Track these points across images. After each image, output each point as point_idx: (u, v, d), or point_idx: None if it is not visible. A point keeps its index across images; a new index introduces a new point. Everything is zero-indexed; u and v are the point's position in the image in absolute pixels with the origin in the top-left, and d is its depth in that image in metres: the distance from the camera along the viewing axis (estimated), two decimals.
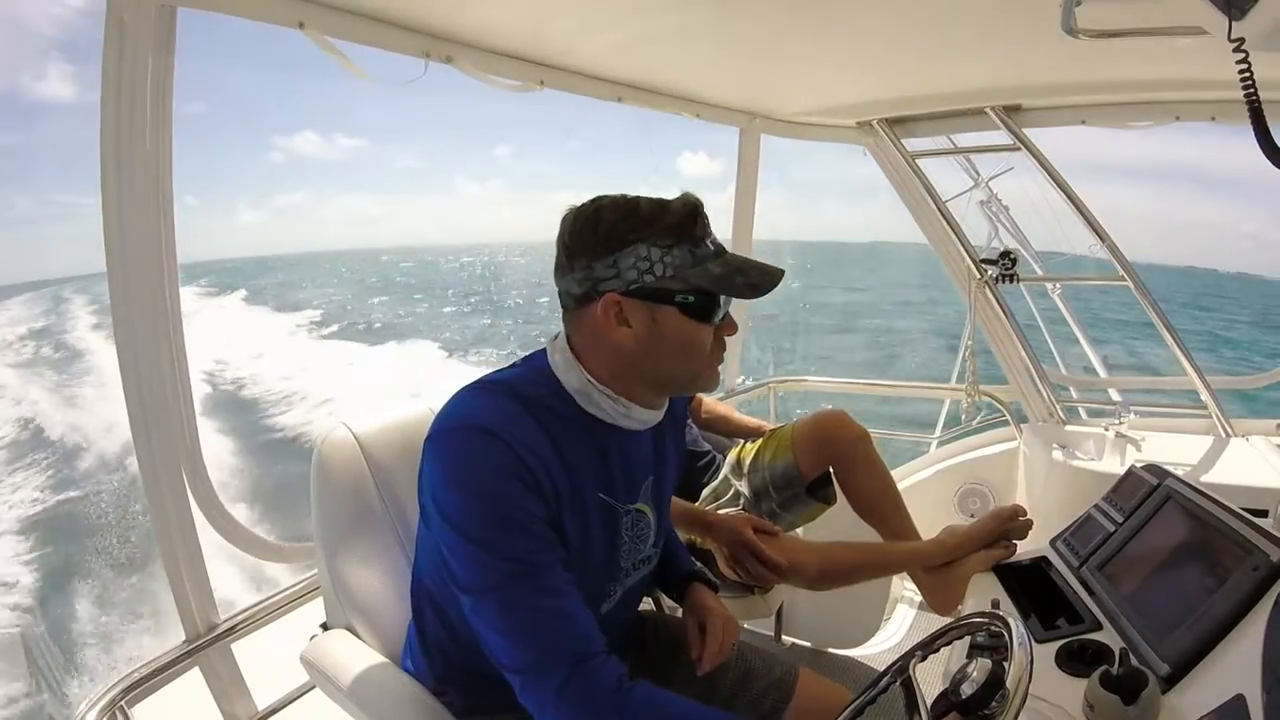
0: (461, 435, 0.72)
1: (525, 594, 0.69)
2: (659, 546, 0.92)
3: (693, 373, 0.79)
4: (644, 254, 0.72)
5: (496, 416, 0.72)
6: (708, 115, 2.11)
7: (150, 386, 1.07)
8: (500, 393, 0.76)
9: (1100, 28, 1.03)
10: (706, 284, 0.73)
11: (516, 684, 0.69)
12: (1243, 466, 2.03)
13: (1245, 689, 0.68)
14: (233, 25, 1.13)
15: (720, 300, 0.76)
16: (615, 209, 0.74)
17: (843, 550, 1.28)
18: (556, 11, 1.30)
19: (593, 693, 0.67)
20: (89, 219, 1.04)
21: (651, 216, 0.73)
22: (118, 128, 0.98)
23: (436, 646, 0.86)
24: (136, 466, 1.09)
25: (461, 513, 0.69)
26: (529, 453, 0.71)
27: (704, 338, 0.76)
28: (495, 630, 0.69)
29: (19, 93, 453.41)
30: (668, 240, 0.73)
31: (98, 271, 1.03)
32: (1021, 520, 1.23)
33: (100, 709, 0.99)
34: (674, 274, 0.73)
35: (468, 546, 0.69)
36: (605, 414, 0.78)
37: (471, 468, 0.70)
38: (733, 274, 0.74)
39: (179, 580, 1.13)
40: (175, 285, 1.10)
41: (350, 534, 0.98)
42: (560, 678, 0.67)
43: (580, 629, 0.70)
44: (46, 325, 24.54)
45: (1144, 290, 2.16)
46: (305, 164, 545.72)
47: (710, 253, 0.74)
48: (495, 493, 0.69)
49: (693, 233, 0.73)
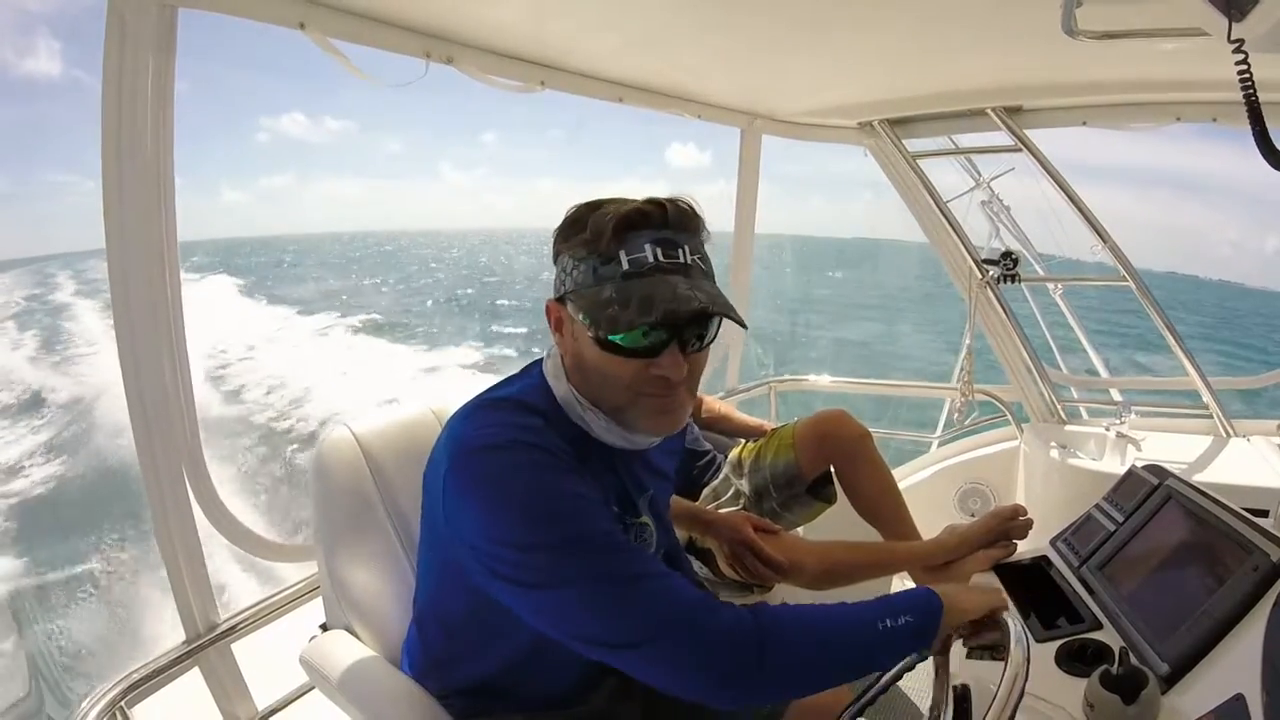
0: (495, 453, 0.67)
1: (619, 564, 0.64)
2: (660, 556, 0.90)
3: (615, 405, 0.72)
4: (564, 264, 0.71)
5: (516, 429, 0.69)
6: (708, 116, 2.11)
7: (151, 386, 1.07)
8: (509, 408, 0.73)
9: (1100, 29, 1.03)
10: (590, 308, 0.67)
11: (634, 661, 0.63)
12: (1243, 466, 2.03)
13: (1245, 689, 0.68)
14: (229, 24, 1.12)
15: (624, 330, 0.66)
16: (568, 215, 0.72)
17: (843, 550, 1.28)
18: (557, 12, 1.31)
19: (728, 633, 0.63)
20: (73, 196, 1.01)
21: (579, 225, 0.69)
22: (119, 128, 0.98)
23: (442, 656, 0.85)
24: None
25: (519, 526, 0.64)
26: (561, 453, 0.68)
27: (614, 368, 0.69)
28: (594, 616, 0.63)
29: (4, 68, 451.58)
30: (581, 253, 0.68)
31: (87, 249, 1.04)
32: (1022, 520, 1.23)
33: (100, 709, 1.00)
34: (575, 289, 0.69)
35: (538, 556, 0.64)
36: (591, 428, 0.74)
37: (514, 481, 0.65)
38: (616, 301, 0.65)
39: (179, 579, 1.13)
40: (178, 285, 1.10)
41: (350, 534, 0.98)
42: (686, 631, 0.62)
43: (688, 584, 0.66)
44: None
45: (1145, 291, 2.16)
46: (292, 146, 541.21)
47: (618, 272, 0.66)
48: (549, 490, 0.65)
49: (601, 249, 0.67)
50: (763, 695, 0.66)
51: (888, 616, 0.67)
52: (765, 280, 31.70)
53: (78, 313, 19.82)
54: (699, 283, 0.68)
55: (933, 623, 0.69)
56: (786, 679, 0.65)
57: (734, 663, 0.63)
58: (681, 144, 41.11)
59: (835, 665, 0.67)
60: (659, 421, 0.73)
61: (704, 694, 0.64)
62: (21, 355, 14.57)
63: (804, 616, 0.67)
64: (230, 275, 33.41)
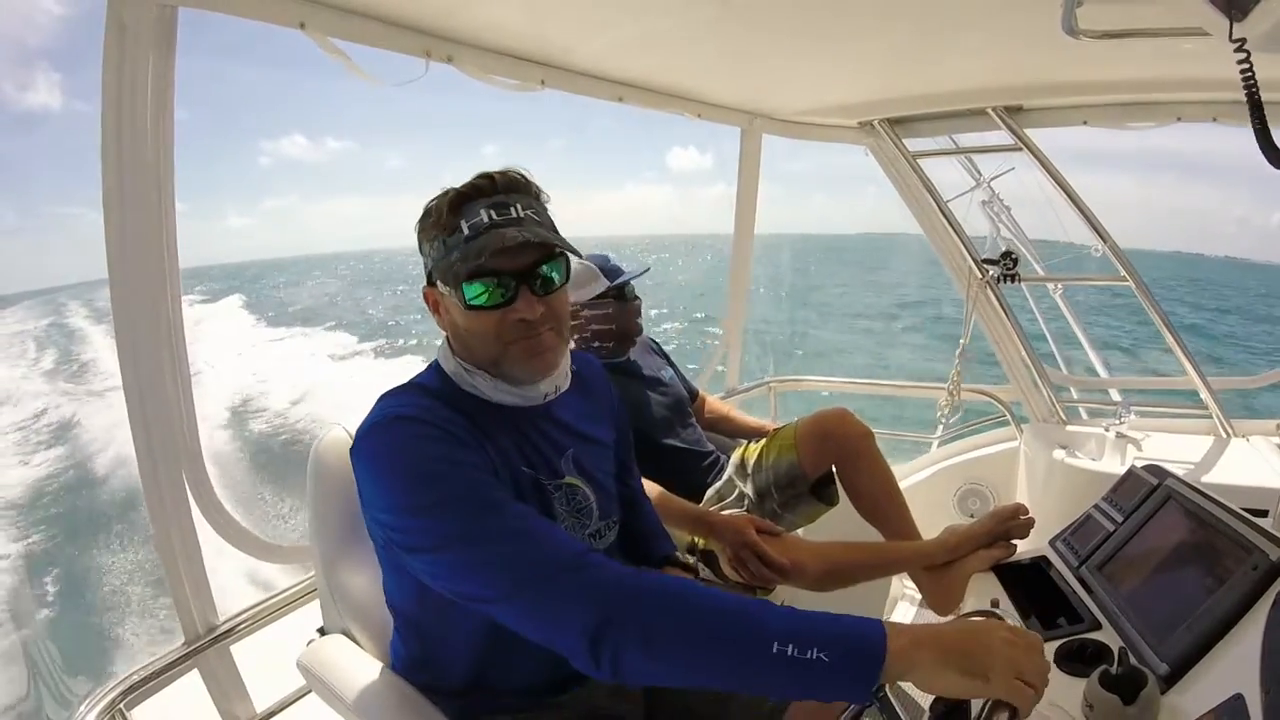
0: (379, 430, 0.73)
1: (493, 521, 0.67)
2: (609, 521, 0.90)
3: (491, 358, 0.79)
4: (424, 249, 0.79)
5: (408, 406, 0.75)
6: (708, 115, 2.11)
7: (151, 388, 1.07)
8: (409, 392, 0.80)
9: (1101, 28, 1.03)
10: (446, 275, 0.75)
11: (516, 613, 0.64)
12: (1243, 466, 2.03)
13: (1244, 688, 0.68)
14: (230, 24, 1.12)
15: (473, 285, 0.74)
16: (422, 211, 0.79)
17: (844, 550, 1.28)
18: (557, 11, 1.30)
19: (602, 582, 0.62)
20: (79, 228, 1.02)
21: (430, 211, 0.77)
22: (118, 129, 0.98)
23: (418, 654, 0.87)
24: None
25: (401, 493, 0.69)
26: (450, 424, 0.73)
27: (480, 324, 0.76)
28: (476, 569, 0.65)
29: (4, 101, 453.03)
30: (431, 233, 0.77)
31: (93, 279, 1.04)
32: (1022, 520, 1.23)
33: (99, 710, 0.99)
34: (434, 265, 0.78)
35: (423, 517, 0.68)
36: (482, 392, 0.80)
37: (400, 449, 0.71)
38: (464, 259, 0.73)
39: (178, 581, 1.13)
40: (177, 286, 1.10)
41: (346, 537, 0.97)
42: (566, 582, 0.62)
43: (566, 539, 0.67)
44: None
45: (1145, 290, 2.16)
46: (293, 167, 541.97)
47: (461, 239, 0.74)
48: (430, 456, 0.70)
49: (443, 223, 0.75)
50: (630, 664, 0.60)
51: (792, 642, 0.56)
52: (772, 276, 31.86)
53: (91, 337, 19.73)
54: (529, 228, 0.74)
55: (863, 671, 0.56)
56: (652, 653, 0.60)
57: (596, 617, 0.60)
58: (682, 148, 40.75)
59: (705, 665, 0.60)
60: (532, 364, 0.79)
61: (570, 647, 0.62)
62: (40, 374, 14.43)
63: (688, 594, 0.61)
64: (241, 295, 33.46)
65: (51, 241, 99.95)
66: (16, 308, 38.28)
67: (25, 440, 10.70)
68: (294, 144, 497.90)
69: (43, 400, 12.61)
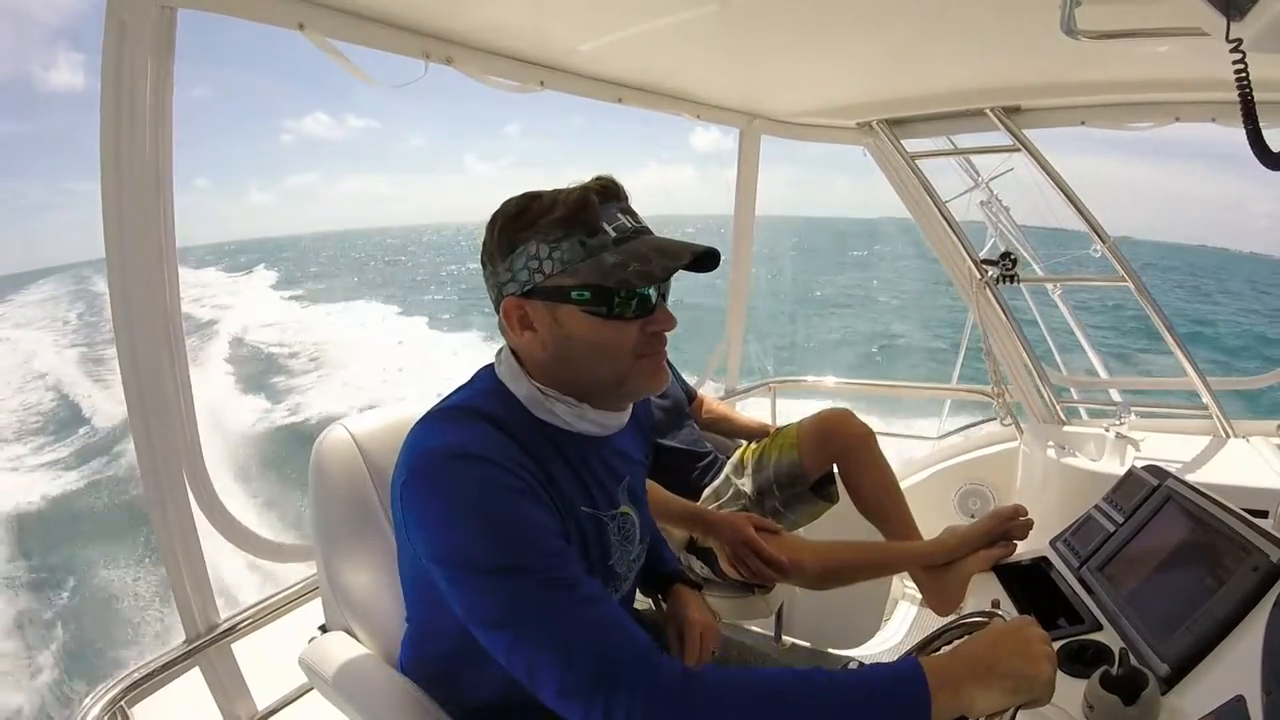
0: (445, 467, 0.65)
1: (566, 609, 0.61)
2: (645, 542, 0.90)
3: (616, 376, 0.72)
4: (534, 252, 0.69)
5: (473, 439, 0.67)
6: (708, 116, 2.11)
7: (150, 386, 1.07)
8: (463, 417, 0.71)
9: (1099, 28, 1.04)
10: (596, 277, 0.68)
11: (575, 708, 0.60)
12: (1243, 467, 2.03)
13: (1245, 689, 0.68)
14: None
15: (622, 293, 0.68)
16: (510, 207, 0.72)
17: (843, 549, 1.28)
18: (556, 12, 1.31)
19: (670, 692, 0.60)
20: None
21: (541, 211, 0.70)
22: (118, 129, 0.98)
23: (439, 671, 0.85)
24: None
25: (471, 548, 0.63)
26: (520, 468, 0.66)
27: (616, 336, 0.70)
28: (541, 659, 0.61)
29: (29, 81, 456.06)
30: (557, 233, 0.69)
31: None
32: (1022, 520, 1.23)
33: (100, 708, 1.00)
34: (564, 269, 0.69)
35: (488, 580, 0.62)
36: (561, 420, 0.74)
37: (469, 497, 0.64)
38: (628, 262, 0.67)
39: (179, 580, 1.13)
40: (176, 286, 1.10)
41: (348, 535, 0.98)
42: (630, 687, 0.59)
43: (632, 631, 0.63)
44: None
45: (1144, 291, 2.16)
46: (315, 145, 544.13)
47: (608, 240, 0.68)
48: (504, 515, 0.64)
49: (585, 221, 0.69)
50: None
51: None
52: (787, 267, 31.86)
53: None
54: (669, 238, 0.71)
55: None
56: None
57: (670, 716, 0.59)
58: (704, 129, 41.23)
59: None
60: (656, 379, 0.74)
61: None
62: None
63: (740, 686, 0.60)
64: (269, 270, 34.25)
65: (83, 217, 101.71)
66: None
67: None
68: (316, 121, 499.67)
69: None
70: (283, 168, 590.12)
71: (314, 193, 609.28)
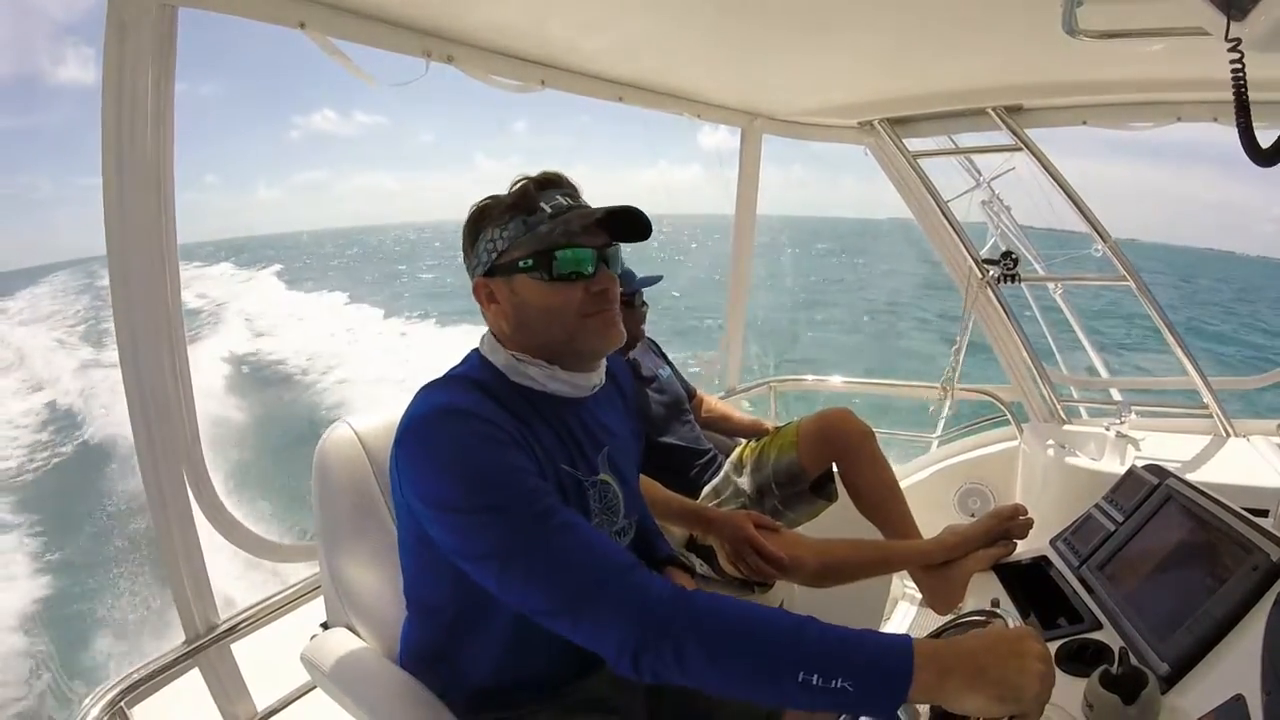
0: (436, 421, 0.73)
1: (548, 534, 0.68)
2: (632, 519, 0.93)
3: (568, 334, 0.80)
4: (490, 236, 0.81)
5: (462, 399, 0.75)
6: (708, 115, 2.11)
7: (151, 387, 1.07)
8: (455, 384, 0.80)
9: (1100, 28, 1.04)
10: (534, 245, 0.78)
11: (567, 625, 0.66)
12: (1243, 466, 2.03)
13: (1245, 689, 0.68)
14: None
15: (559, 255, 0.78)
16: (475, 209, 0.83)
17: (843, 547, 1.28)
18: (557, 11, 1.30)
19: (647, 599, 0.64)
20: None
21: (495, 204, 0.81)
22: (118, 129, 0.98)
23: (434, 649, 0.86)
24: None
25: (458, 490, 0.70)
26: (504, 423, 0.74)
27: (563, 299, 0.79)
28: (531, 583, 0.67)
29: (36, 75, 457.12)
30: (505, 218, 0.80)
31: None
32: (1022, 519, 1.23)
33: (100, 709, 1.00)
34: (510, 244, 0.79)
35: (476, 518, 0.69)
36: (536, 382, 0.82)
37: (455, 446, 0.71)
38: (556, 227, 0.77)
39: (179, 580, 1.13)
40: (177, 286, 1.10)
41: (351, 532, 0.98)
42: (614, 598, 0.64)
43: (614, 549, 0.69)
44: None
45: (1145, 290, 2.16)
46: (324, 141, 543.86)
47: (545, 216, 0.78)
48: (485, 460, 0.70)
49: (526, 205, 0.79)
50: (669, 678, 0.63)
51: (818, 671, 0.59)
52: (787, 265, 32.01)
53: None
54: (603, 207, 0.80)
55: (886, 702, 0.59)
56: (687, 673, 0.63)
57: (639, 633, 0.63)
58: (713, 127, 41.12)
59: (736, 687, 0.63)
60: (609, 334, 0.82)
61: (615, 656, 0.64)
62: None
63: (724, 615, 0.64)
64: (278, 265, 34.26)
65: (92, 213, 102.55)
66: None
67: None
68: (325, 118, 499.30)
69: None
70: (292, 164, 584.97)
71: (326, 188, 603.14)
